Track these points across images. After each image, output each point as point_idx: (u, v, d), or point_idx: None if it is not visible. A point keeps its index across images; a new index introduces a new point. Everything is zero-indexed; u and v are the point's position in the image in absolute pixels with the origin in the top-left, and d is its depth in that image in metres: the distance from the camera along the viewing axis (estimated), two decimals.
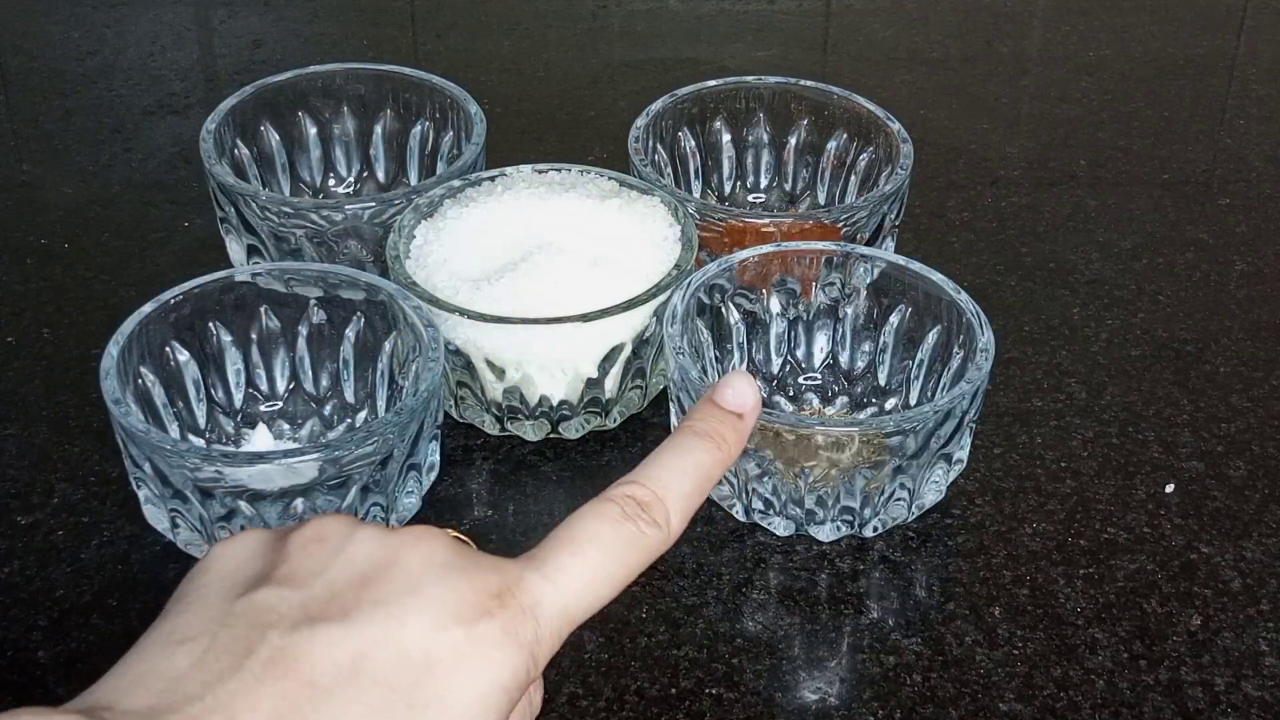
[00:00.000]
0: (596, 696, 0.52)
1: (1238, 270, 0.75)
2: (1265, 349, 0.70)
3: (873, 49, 0.97)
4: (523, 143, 0.85)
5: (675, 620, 0.55)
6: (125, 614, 0.55)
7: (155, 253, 0.75)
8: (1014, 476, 0.62)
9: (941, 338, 0.61)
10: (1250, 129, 0.88)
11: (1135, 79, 0.94)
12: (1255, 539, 0.59)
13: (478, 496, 0.61)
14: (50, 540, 0.58)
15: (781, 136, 0.75)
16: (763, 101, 0.74)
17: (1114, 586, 0.57)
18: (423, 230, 0.64)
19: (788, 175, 0.75)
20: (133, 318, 0.58)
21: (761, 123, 0.74)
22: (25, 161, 0.84)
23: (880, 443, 0.55)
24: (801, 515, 0.58)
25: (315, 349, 0.62)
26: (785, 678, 0.53)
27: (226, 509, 0.54)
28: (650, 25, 1.00)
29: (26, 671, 0.53)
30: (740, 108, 0.74)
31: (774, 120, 0.74)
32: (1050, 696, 0.53)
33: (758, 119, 0.74)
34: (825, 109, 0.73)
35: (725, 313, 0.63)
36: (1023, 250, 0.77)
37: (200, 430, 0.61)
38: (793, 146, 0.74)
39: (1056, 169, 0.84)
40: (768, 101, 0.74)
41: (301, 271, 0.62)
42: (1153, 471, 0.63)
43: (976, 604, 0.56)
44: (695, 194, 0.75)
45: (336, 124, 0.75)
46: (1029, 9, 1.03)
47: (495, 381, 0.61)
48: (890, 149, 0.70)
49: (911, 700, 0.53)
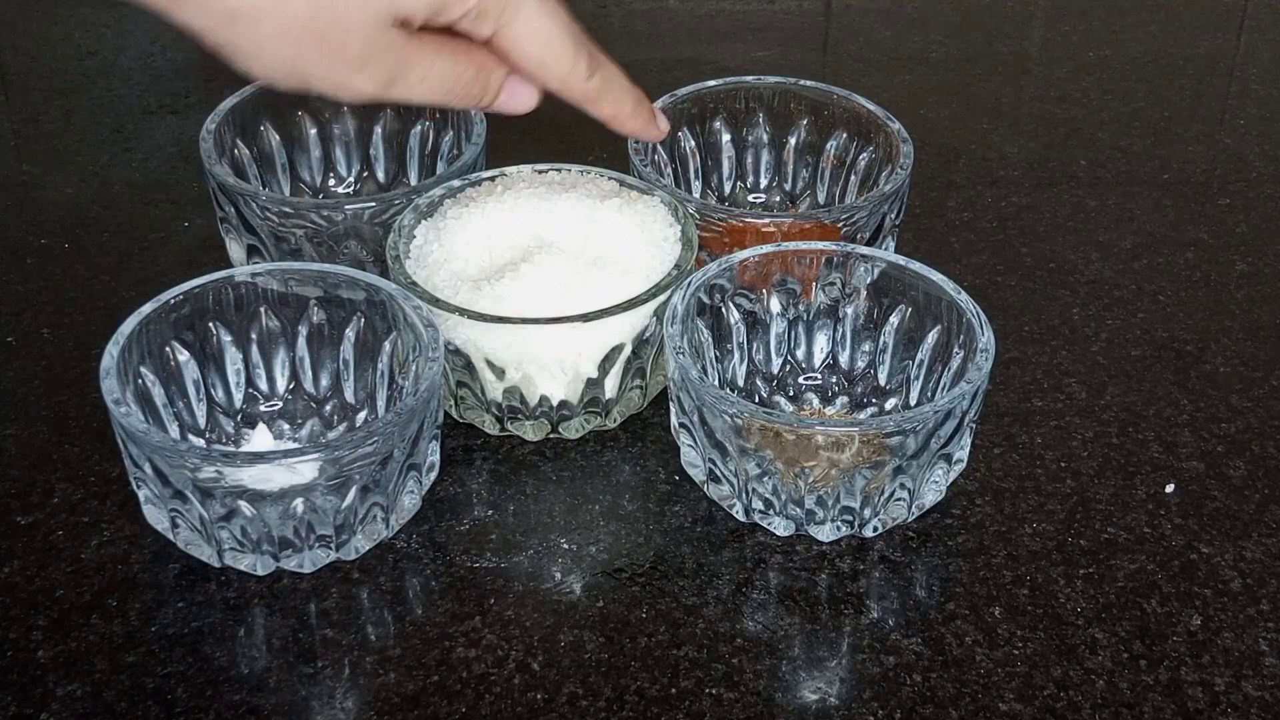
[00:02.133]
0: (596, 696, 0.52)
1: (1238, 270, 0.75)
2: (1265, 349, 0.70)
3: (873, 49, 0.97)
4: (523, 143, 0.85)
5: (675, 620, 0.55)
6: (125, 614, 0.55)
7: (155, 253, 0.75)
8: (1014, 476, 0.62)
9: (941, 338, 0.61)
10: (1250, 129, 0.88)
11: (1135, 79, 0.94)
12: (1255, 539, 0.59)
13: (478, 496, 0.61)
14: (50, 540, 0.58)
15: (781, 136, 0.75)
16: (762, 101, 0.74)
17: (1114, 586, 0.57)
18: (423, 230, 0.64)
19: (787, 175, 0.75)
20: (133, 318, 0.58)
21: (761, 123, 0.74)
22: (25, 161, 0.84)
23: (880, 443, 0.55)
24: (801, 515, 0.58)
25: (315, 349, 0.62)
26: (785, 678, 0.53)
27: (226, 509, 0.54)
28: (650, 25, 1.00)
29: (26, 671, 0.53)
30: (740, 108, 0.74)
31: (774, 120, 0.75)
32: (1050, 696, 0.53)
33: (757, 119, 0.74)
34: (825, 109, 0.73)
35: (725, 313, 0.63)
36: (1023, 250, 0.77)
37: (200, 430, 0.61)
38: (792, 146, 0.75)
39: (1056, 169, 0.84)
40: (767, 101, 0.74)
41: (301, 271, 0.62)
42: (1153, 471, 0.63)
43: (976, 604, 0.56)
44: (695, 194, 0.75)
45: (336, 124, 0.75)
46: (1029, 9, 1.03)
47: (495, 381, 0.61)
48: (890, 149, 0.70)
49: (911, 700, 0.53)
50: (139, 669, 0.53)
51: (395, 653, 0.54)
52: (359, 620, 0.55)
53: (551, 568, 0.58)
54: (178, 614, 0.55)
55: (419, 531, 0.59)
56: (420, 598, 0.56)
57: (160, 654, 0.54)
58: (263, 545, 0.55)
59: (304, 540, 0.55)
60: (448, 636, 0.55)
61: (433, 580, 0.57)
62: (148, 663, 0.53)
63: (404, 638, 0.55)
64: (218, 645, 0.54)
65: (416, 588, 0.57)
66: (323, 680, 0.53)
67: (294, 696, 0.52)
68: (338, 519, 0.55)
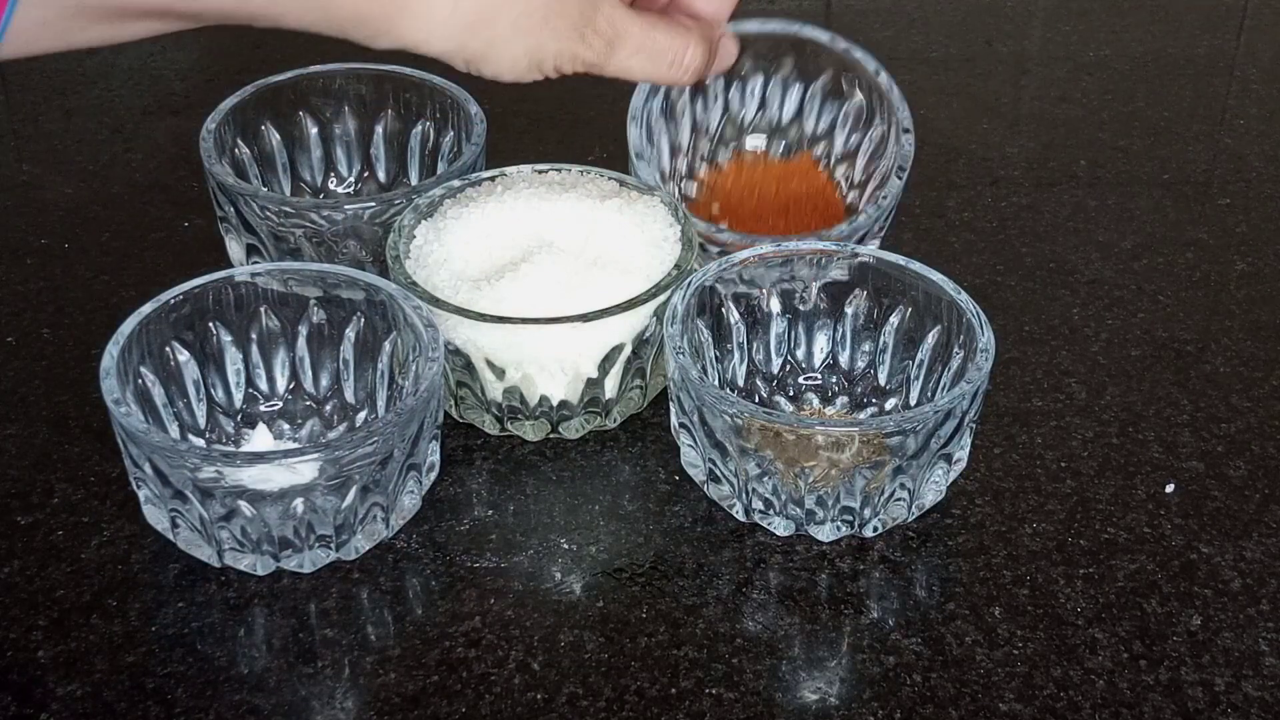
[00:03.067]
0: (596, 696, 0.52)
1: (1238, 270, 0.75)
2: (1265, 349, 0.70)
3: (873, 49, 0.97)
4: (523, 143, 0.85)
5: (675, 620, 0.55)
6: (125, 614, 0.55)
7: (155, 253, 0.75)
8: (1014, 476, 0.62)
9: (941, 338, 0.61)
10: (1250, 129, 0.88)
11: (1135, 79, 0.94)
12: (1255, 539, 0.59)
13: (478, 496, 0.61)
14: (50, 540, 0.58)
15: (809, 82, 0.74)
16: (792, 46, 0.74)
17: (1114, 586, 0.57)
18: (423, 230, 0.64)
19: (810, 114, 0.75)
20: (133, 318, 0.58)
21: (790, 65, 0.74)
22: (25, 161, 0.84)
23: (880, 443, 0.55)
24: (801, 515, 0.58)
25: (315, 349, 0.62)
26: (785, 678, 0.53)
27: (226, 509, 0.54)
28: None
29: (26, 671, 0.53)
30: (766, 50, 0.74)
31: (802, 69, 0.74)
32: (1050, 696, 0.53)
33: (788, 61, 0.74)
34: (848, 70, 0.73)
35: (725, 313, 0.63)
36: (1023, 250, 0.77)
37: (200, 430, 0.61)
38: (817, 89, 0.74)
39: (1056, 169, 0.84)
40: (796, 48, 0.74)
41: (301, 271, 0.62)
42: (1153, 471, 0.63)
43: (976, 604, 0.56)
44: (714, 127, 0.74)
45: (337, 124, 0.75)
46: (1029, 9, 1.03)
47: (495, 381, 0.61)
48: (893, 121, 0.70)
49: (911, 700, 0.53)
50: (139, 669, 0.53)
51: (395, 653, 0.54)
52: (359, 620, 0.55)
53: (551, 568, 0.58)
54: (178, 614, 0.55)
55: (419, 531, 0.59)
56: (420, 598, 0.56)
57: (160, 654, 0.54)
58: (263, 545, 0.55)
59: (304, 540, 0.55)
60: (448, 636, 0.55)
61: (433, 580, 0.57)
62: (148, 663, 0.53)
63: (404, 638, 0.55)
64: (218, 645, 0.54)
65: (416, 588, 0.57)
66: (323, 680, 0.53)
67: (294, 696, 0.52)
68: (338, 519, 0.55)
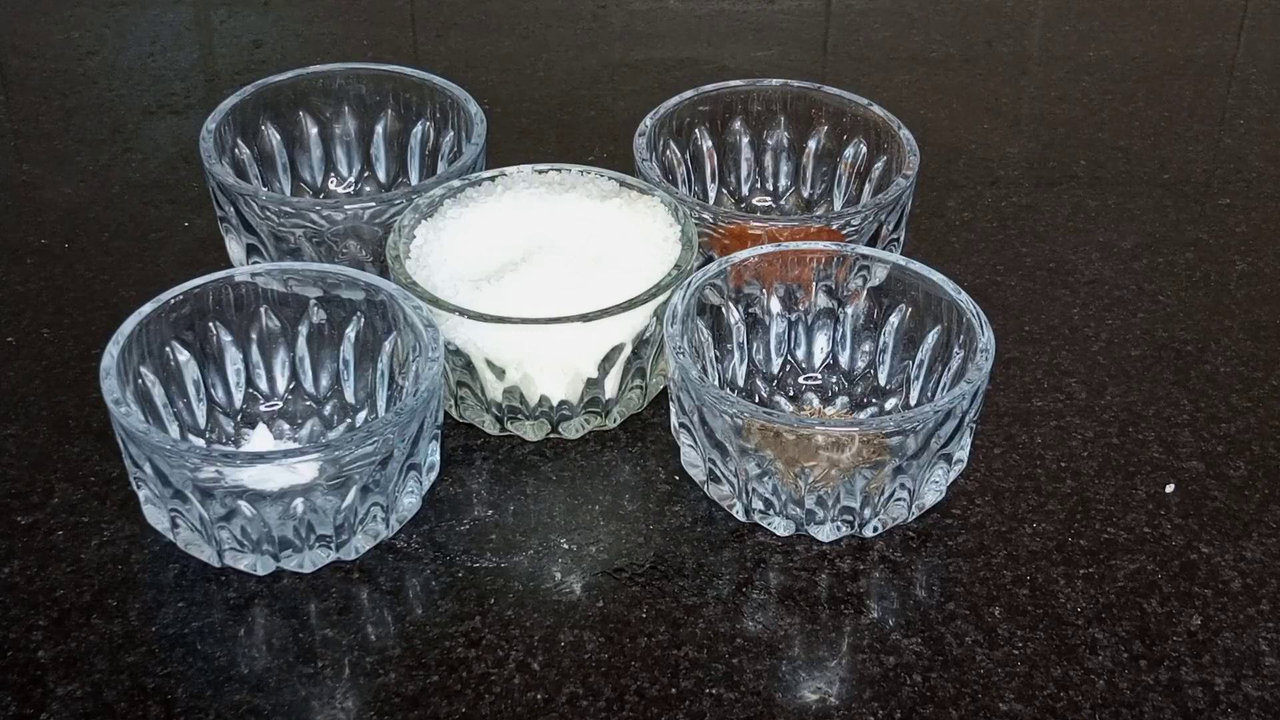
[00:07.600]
0: (596, 696, 0.52)
1: (1238, 270, 0.75)
2: (1265, 349, 0.70)
3: (873, 49, 0.97)
4: (523, 143, 0.85)
5: (675, 620, 0.55)
6: (125, 614, 0.55)
7: (155, 253, 0.75)
8: (1014, 476, 0.62)
9: (941, 338, 0.61)
10: (1250, 129, 0.88)
11: (1135, 79, 0.94)
12: (1255, 539, 0.59)
13: (478, 496, 0.61)
14: (50, 540, 0.58)
15: (800, 141, 0.74)
16: (783, 105, 0.74)
17: (1114, 586, 0.57)
18: (423, 230, 0.64)
19: (806, 180, 0.75)
20: (133, 318, 0.58)
21: (782, 125, 0.74)
22: (25, 161, 0.84)
23: (880, 443, 0.55)
24: (801, 515, 0.58)
25: (315, 349, 0.62)
26: (785, 678, 0.53)
27: (226, 509, 0.54)
28: (650, 25, 1.00)
29: (26, 671, 0.53)
30: (759, 109, 0.74)
31: (795, 125, 0.74)
32: (1050, 696, 0.53)
33: (778, 122, 0.74)
34: (844, 115, 0.73)
35: (725, 313, 0.63)
36: (1023, 250, 0.77)
37: (200, 430, 0.61)
38: (811, 151, 0.74)
39: (1056, 169, 0.84)
40: (788, 105, 0.74)
41: (301, 271, 0.62)
42: (1153, 471, 0.63)
43: (976, 604, 0.56)
44: (711, 197, 0.74)
45: (337, 124, 0.75)
46: (1029, 9, 1.03)
47: (495, 381, 0.61)
48: (899, 159, 0.70)
49: (911, 700, 0.53)
50: (139, 669, 0.53)
51: (395, 653, 0.54)
52: (359, 620, 0.55)
53: (551, 568, 0.58)
54: (178, 614, 0.55)
55: (419, 531, 0.59)
56: (420, 598, 0.56)
57: (160, 654, 0.54)
58: (263, 545, 0.55)
59: (304, 540, 0.56)
60: (448, 636, 0.55)
61: (433, 580, 0.57)
62: (148, 663, 0.53)
63: (404, 638, 0.55)
64: (218, 645, 0.54)
65: (416, 588, 0.57)
66: (323, 680, 0.53)
67: (294, 696, 0.52)
68: (338, 519, 0.55)
